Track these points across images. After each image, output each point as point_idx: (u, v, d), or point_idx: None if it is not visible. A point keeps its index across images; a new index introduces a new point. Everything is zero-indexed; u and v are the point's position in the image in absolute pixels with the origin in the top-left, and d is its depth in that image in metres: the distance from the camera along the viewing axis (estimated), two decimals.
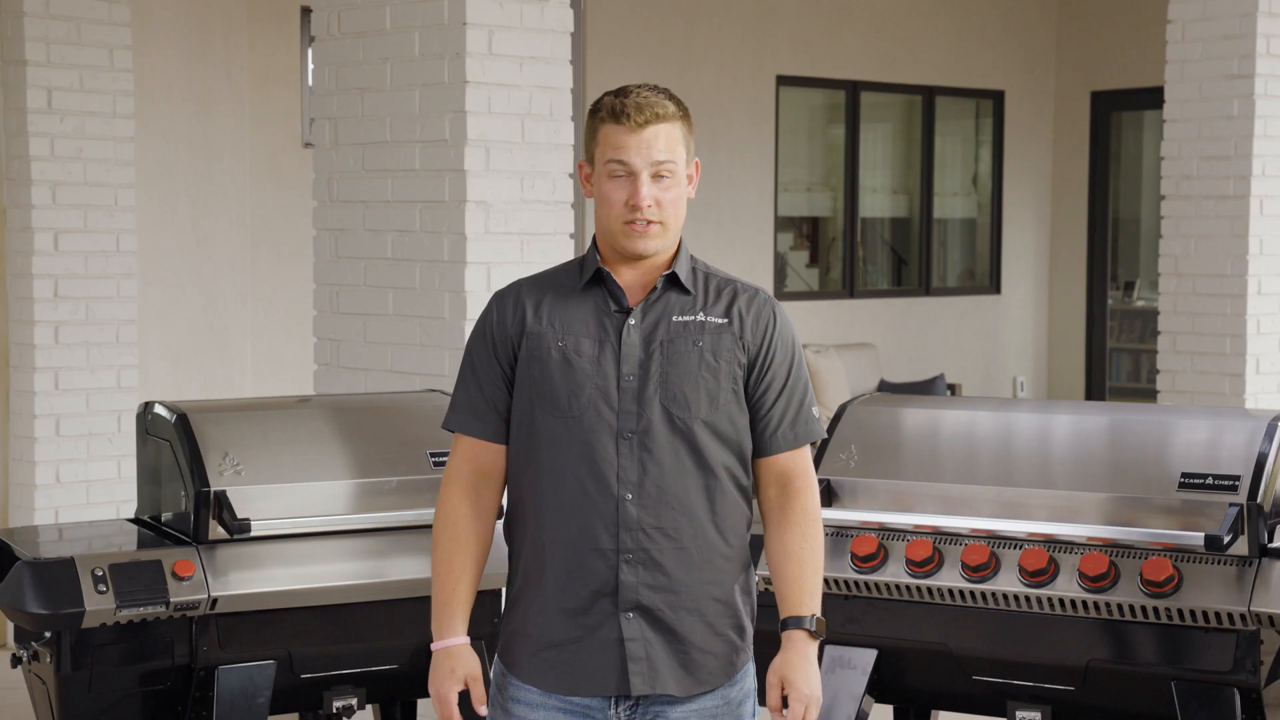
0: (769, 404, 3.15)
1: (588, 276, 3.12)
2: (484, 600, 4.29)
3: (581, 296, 3.12)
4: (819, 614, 3.17)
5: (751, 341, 3.13)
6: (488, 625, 4.42)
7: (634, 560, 3.05)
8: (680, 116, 3.11)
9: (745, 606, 3.18)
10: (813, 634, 3.14)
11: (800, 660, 3.12)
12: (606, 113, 3.08)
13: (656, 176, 3.06)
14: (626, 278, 3.12)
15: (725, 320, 3.12)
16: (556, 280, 3.17)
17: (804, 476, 3.20)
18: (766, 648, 4.28)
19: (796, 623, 3.13)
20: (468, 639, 3.12)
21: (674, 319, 3.10)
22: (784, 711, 3.12)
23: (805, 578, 3.16)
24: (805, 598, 3.15)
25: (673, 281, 3.13)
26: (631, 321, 3.09)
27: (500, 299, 3.17)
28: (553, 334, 3.09)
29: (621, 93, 3.09)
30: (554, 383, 3.07)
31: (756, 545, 3.25)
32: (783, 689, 3.12)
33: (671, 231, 3.10)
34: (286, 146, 8.67)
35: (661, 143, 3.06)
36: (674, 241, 3.13)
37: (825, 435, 3.49)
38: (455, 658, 3.10)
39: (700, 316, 3.11)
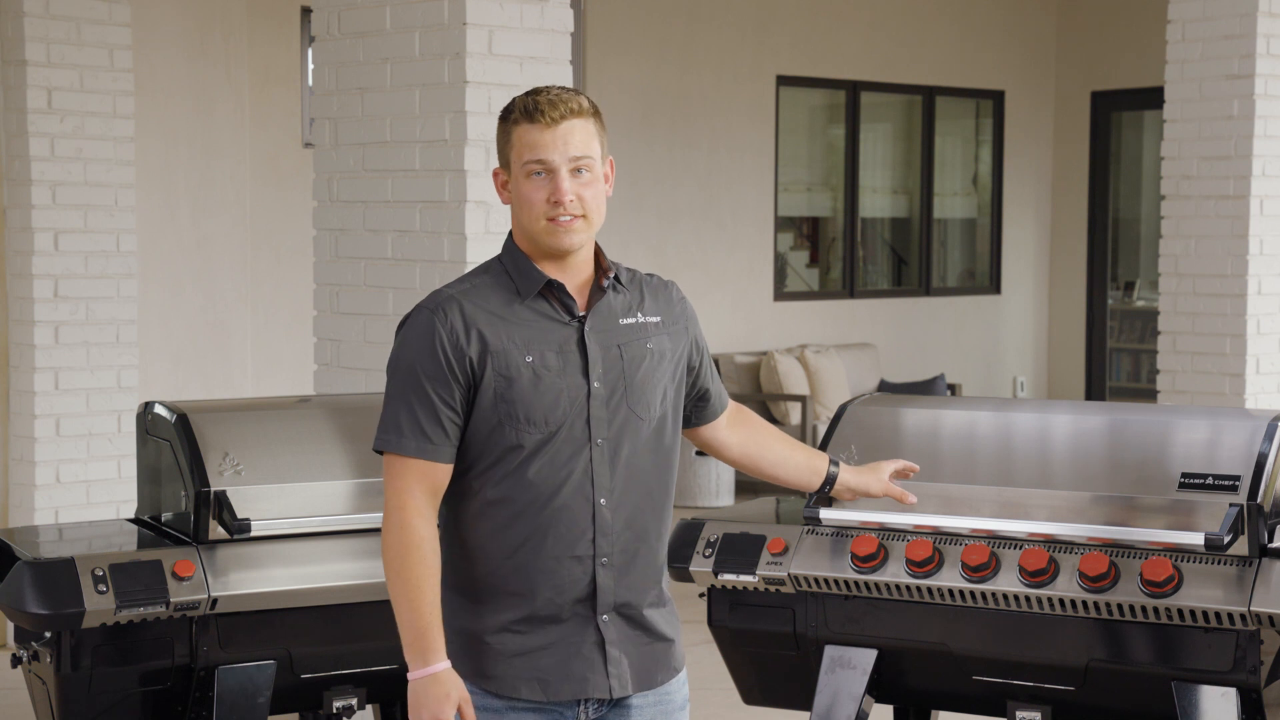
0: (706, 379, 3.34)
1: (535, 286, 3.07)
2: None
3: (528, 307, 3.07)
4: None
5: (684, 334, 3.21)
6: None
7: (609, 564, 3.06)
8: (593, 114, 3.10)
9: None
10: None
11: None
12: (519, 113, 3.06)
13: (575, 172, 3.05)
14: (566, 285, 3.10)
15: (659, 319, 3.17)
16: (492, 290, 3.08)
17: (738, 407, 3.54)
18: (756, 645, 4.32)
19: (835, 463, 3.74)
20: (449, 662, 3.06)
21: (620, 322, 3.11)
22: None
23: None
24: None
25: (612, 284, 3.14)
26: (587, 329, 3.08)
27: (441, 314, 3.04)
28: (517, 350, 3.03)
29: (533, 92, 3.08)
30: (528, 400, 3.02)
31: None
32: (895, 474, 3.80)
33: (594, 226, 3.10)
34: (286, 146, 8.68)
35: (577, 138, 3.05)
36: (594, 236, 3.13)
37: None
38: (446, 682, 3.02)
39: (640, 317, 3.14)
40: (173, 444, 4.42)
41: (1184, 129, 7.42)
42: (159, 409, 4.54)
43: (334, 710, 4.49)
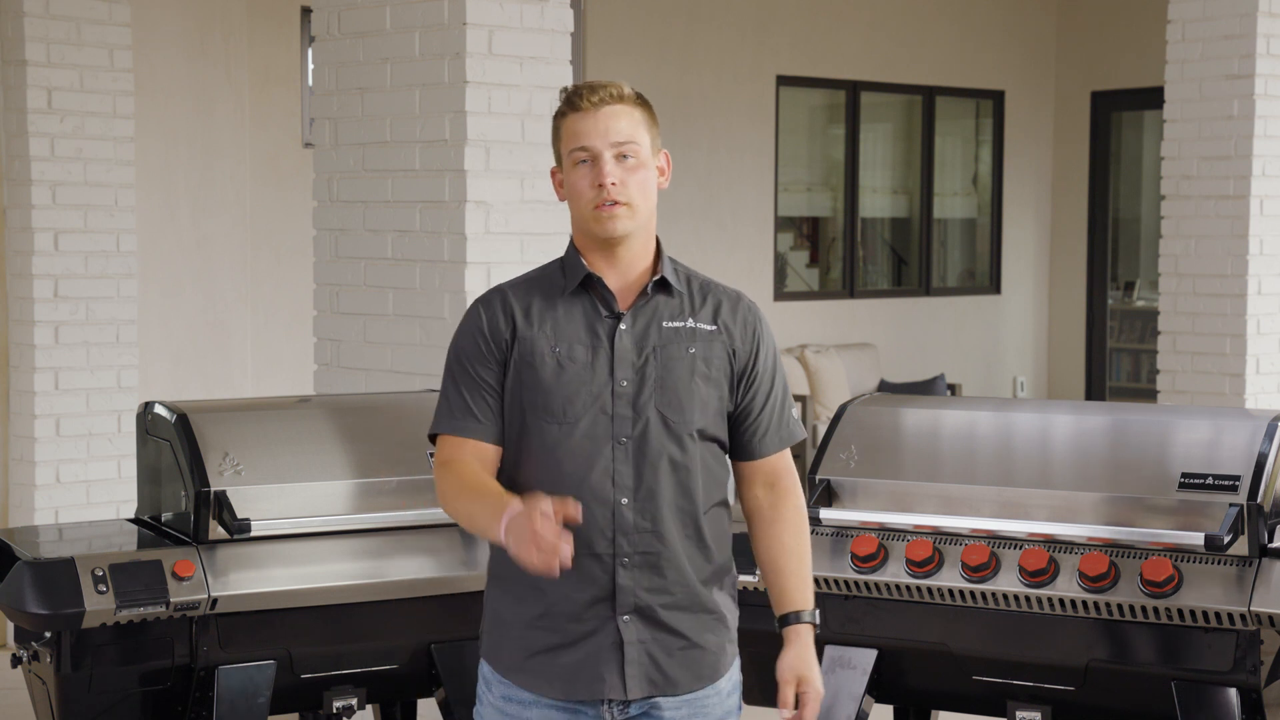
0: (758, 410, 3.18)
1: (576, 281, 3.10)
2: (478, 599, 4.29)
3: (570, 301, 3.10)
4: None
5: (741, 349, 3.15)
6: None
7: (630, 564, 3.05)
8: (638, 103, 3.12)
9: (731, 599, 3.21)
10: (815, 626, 3.19)
11: (811, 655, 3.17)
12: (564, 104, 3.10)
13: (619, 157, 3.06)
14: (612, 282, 3.11)
15: (714, 328, 3.13)
16: (541, 284, 3.14)
17: (790, 475, 3.25)
18: (757, 645, 4.31)
19: (799, 617, 3.18)
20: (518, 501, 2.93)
21: (664, 324, 3.10)
22: (792, 709, 3.15)
23: (804, 572, 3.21)
24: (807, 592, 3.20)
25: (660, 285, 3.12)
26: (623, 326, 3.08)
27: (487, 303, 3.14)
28: (545, 339, 3.07)
29: (576, 84, 3.12)
30: (547, 389, 3.05)
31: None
32: (798, 686, 3.15)
33: (640, 214, 3.08)
34: (286, 146, 8.67)
35: (621, 124, 3.06)
36: (645, 227, 3.12)
37: (805, 435, 3.51)
38: (524, 505, 2.86)
39: (690, 322, 3.12)
40: (173, 444, 4.42)
41: (1184, 129, 7.42)
42: (159, 409, 4.54)
43: (334, 710, 4.49)
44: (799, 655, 3.16)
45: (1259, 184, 7.27)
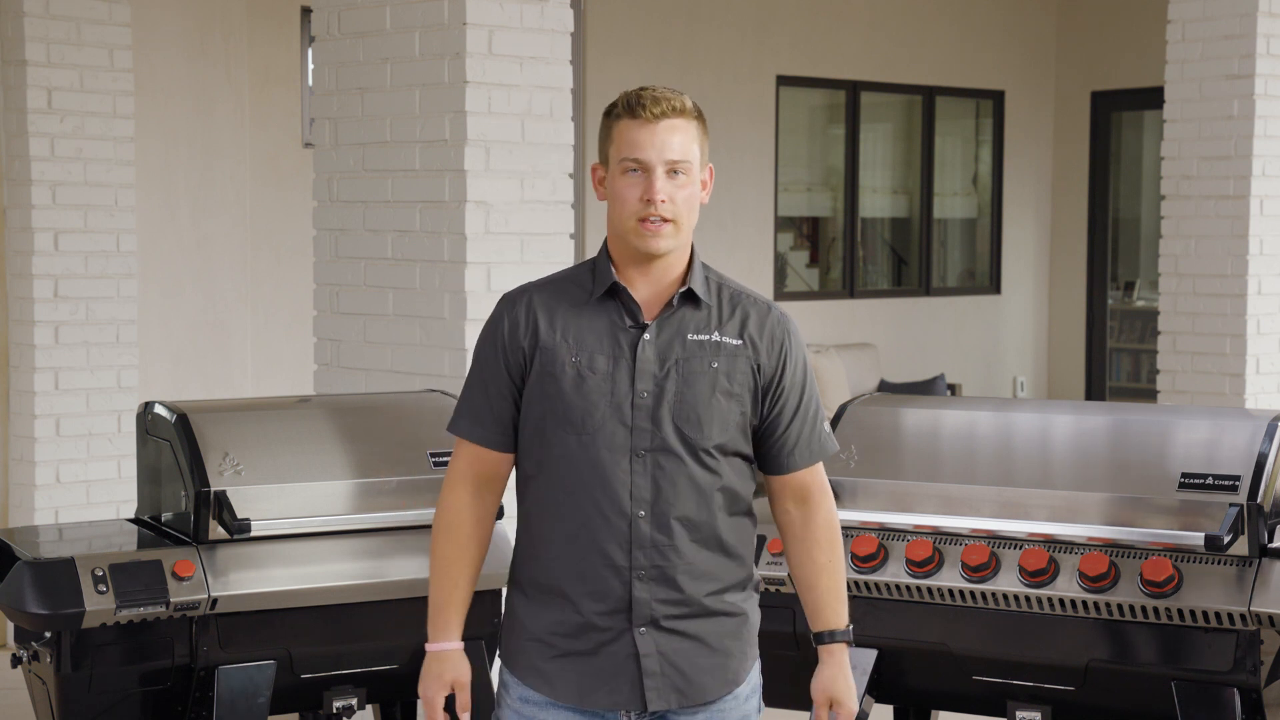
0: (785, 424, 3.14)
1: (602, 288, 3.08)
2: (483, 600, 4.29)
3: (595, 308, 3.07)
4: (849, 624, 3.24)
5: (766, 364, 3.11)
6: (488, 625, 4.42)
7: (646, 577, 3.03)
8: (696, 117, 3.08)
9: (753, 610, 3.20)
10: (850, 644, 3.21)
11: (846, 676, 3.19)
12: (622, 108, 3.06)
13: (671, 174, 3.03)
14: (641, 290, 3.08)
15: (740, 342, 3.09)
16: (567, 288, 3.11)
17: (822, 490, 3.22)
18: (773, 648, 4.33)
19: (833, 636, 3.20)
20: (461, 644, 3.12)
21: (689, 337, 3.07)
22: None
23: (837, 589, 3.21)
24: (841, 608, 3.21)
25: (686, 297, 3.10)
26: (646, 337, 3.05)
27: (511, 305, 3.11)
28: (566, 349, 3.04)
29: (639, 89, 3.07)
30: (567, 399, 3.03)
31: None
32: (830, 706, 3.18)
33: (683, 231, 3.07)
34: (286, 146, 8.67)
35: (677, 140, 3.03)
36: (685, 242, 3.10)
37: (838, 448, 3.49)
38: (445, 662, 3.11)
39: (715, 336, 3.08)
40: (173, 444, 4.42)
41: (1184, 129, 7.42)
42: (159, 409, 4.54)
43: (334, 710, 4.49)
44: (833, 676, 3.18)
45: (1259, 184, 7.27)
